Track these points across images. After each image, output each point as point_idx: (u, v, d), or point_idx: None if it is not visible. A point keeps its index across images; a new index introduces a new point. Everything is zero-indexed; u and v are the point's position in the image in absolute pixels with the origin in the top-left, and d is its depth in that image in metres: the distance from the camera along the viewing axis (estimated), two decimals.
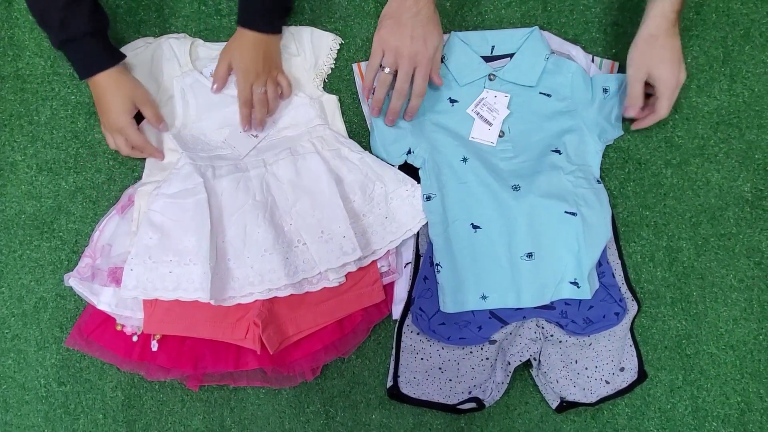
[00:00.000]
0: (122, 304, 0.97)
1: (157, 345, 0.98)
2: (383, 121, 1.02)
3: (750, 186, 1.08)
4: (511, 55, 1.07)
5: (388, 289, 1.03)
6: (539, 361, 1.00)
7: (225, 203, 0.96)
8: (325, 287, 0.98)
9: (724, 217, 1.07)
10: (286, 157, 1.00)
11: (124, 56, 0.99)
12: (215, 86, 1.03)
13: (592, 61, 1.09)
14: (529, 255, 0.98)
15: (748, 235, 1.07)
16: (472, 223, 0.99)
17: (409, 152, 1.03)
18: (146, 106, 0.99)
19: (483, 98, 1.05)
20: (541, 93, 1.05)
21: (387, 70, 0.98)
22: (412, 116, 1.02)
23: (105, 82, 0.97)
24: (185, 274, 0.93)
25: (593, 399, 1.00)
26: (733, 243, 1.07)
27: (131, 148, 1.00)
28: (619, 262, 1.04)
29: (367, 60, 1.08)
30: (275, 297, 0.96)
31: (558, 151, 1.03)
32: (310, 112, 1.03)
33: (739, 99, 1.10)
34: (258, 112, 1.01)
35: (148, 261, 0.93)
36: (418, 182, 1.02)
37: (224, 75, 1.02)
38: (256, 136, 1.02)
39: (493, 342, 0.99)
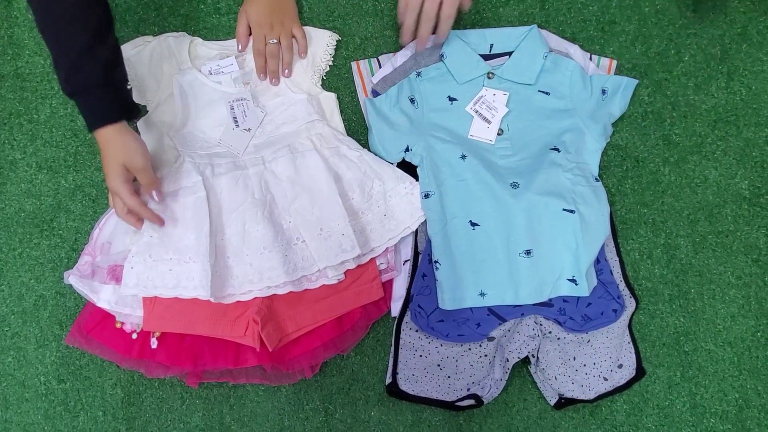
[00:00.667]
0: (122, 301, 0.97)
1: (156, 342, 0.98)
2: (416, 48, 1.03)
3: (747, 183, 1.08)
4: (509, 54, 1.07)
5: (387, 286, 1.03)
6: (537, 358, 1.00)
7: (224, 201, 0.97)
8: (324, 284, 0.98)
9: (722, 215, 1.08)
10: (284, 155, 1.00)
11: (130, 114, 0.91)
12: (239, 46, 1.05)
13: (590, 59, 1.09)
14: (528, 252, 0.98)
15: (746, 233, 1.07)
16: (470, 221, 1.00)
17: (407, 150, 1.03)
18: (140, 173, 0.91)
19: (482, 96, 1.05)
20: (539, 91, 1.06)
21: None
22: (443, 37, 1.01)
23: (103, 139, 0.89)
24: (185, 272, 0.93)
25: (591, 396, 1.00)
26: (731, 240, 1.07)
27: (127, 212, 0.92)
28: (617, 259, 1.04)
29: (364, 58, 1.09)
30: (274, 294, 0.96)
31: (557, 149, 1.03)
32: (308, 108, 1.03)
33: (736, 97, 1.10)
34: (270, 63, 1.04)
35: (149, 259, 0.93)
36: (417, 180, 1.03)
37: (244, 32, 1.04)
38: (249, 130, 1.02)
39: (491, 339, 0.99)
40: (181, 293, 0.93)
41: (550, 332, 1.00)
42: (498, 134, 1.04)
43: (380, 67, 1.08)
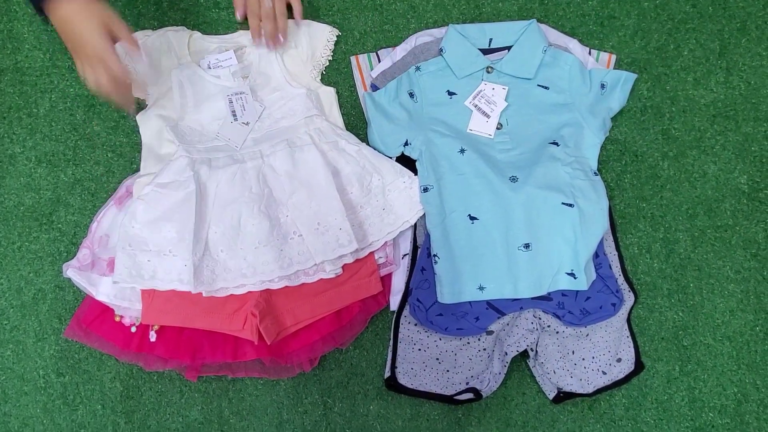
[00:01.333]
0: (120, 294, 0.97)
1: (155, 336, 0.98)
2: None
3: (746, 178, 1.08)
4: (508, 48, 1.07)
5: (386, 280, 1.03)
6: (536, 351, 1.00)
7: (220, 195, 0.97)
8: (322, 278, 0.98)
9: (721, 209, 1.08)
10: (283, 149, 1.00)
11: None
12: (238, 13, 1.05)
13: (590, 53, 1.09)
14: (526, 246, 0.98)
15: (745, 227, 1.07)
16: (469, 215, 1.00)
17: (406, 144, 1.03)
18: (120, 28, 0.89)
19: (481, 90, 1.05)
20: (538, 85, 1.05)
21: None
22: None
23: (71, 11, 0.87)
24: (163, 264, 0.94)
25: (590, 389, 1.00)
26: (730, 234, 1.07)
27: (114, 80, 0.89)
28: (616, 253, 1.04)
29: (364, 52, 1.09)
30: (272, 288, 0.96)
31: (555, 143, 1.03)
32: (307, 102, 1.03)
33: (735, 91, 1.10)
34: (266, 24, 1.03)
35: (128, 248, 0.94)
36: (415, 174, 1.03)
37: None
38: (247, 124, 1.02)
39: (490, 333, 1.00)
40: (157, 285, 0.94)
41: (548, 326, 1.00)
42: (497, 128, 1.04)
43: (379, 61, 1.08)
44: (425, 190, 1.01)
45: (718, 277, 1.06)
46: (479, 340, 1.00)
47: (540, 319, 1.00)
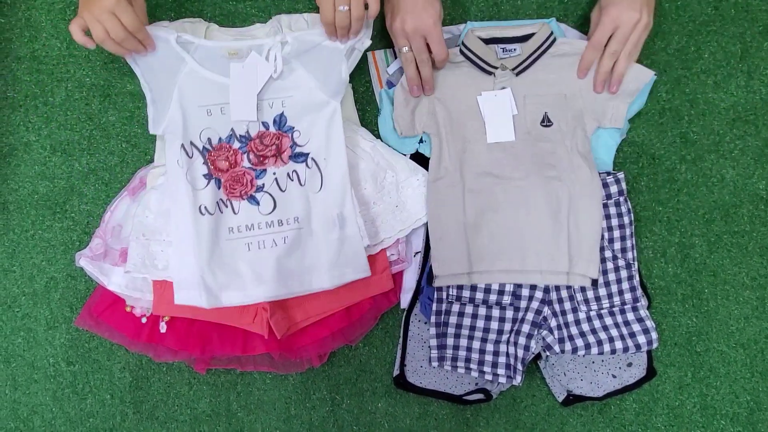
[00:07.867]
0: (132, 284, 0.97)
1: (165, 327, 0.98)
2: (423, 93, 1.02)
3: (765, 183, 1.07)
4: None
5: (397, 277, 1.02)
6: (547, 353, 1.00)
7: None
8: None
9: (738, 215, 1.06)
10: None
11: None
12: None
13: None
14: None
15: (762, 233, 1.06)
16: None
17: (421, 141, 1.03)
18: None
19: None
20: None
21: (405, 49, 0.98)
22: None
23: None
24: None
25: (600, 393, 0.99)
26: (747, 240, 1.06)
27: (123, 33, 0.88)
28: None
29: (381, 49, 1.08)
30: None
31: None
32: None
33: (756, 96, 1.09)
34: (339, 31, 0.94)
35: (141, 238, 0.94)
36: None
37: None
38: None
39: None
40: (171, 276, 0.94)
41: None
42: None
43: (396, 58, 1.08)
44: None
45: (734, 284, 1.05)
46: None
47: None
